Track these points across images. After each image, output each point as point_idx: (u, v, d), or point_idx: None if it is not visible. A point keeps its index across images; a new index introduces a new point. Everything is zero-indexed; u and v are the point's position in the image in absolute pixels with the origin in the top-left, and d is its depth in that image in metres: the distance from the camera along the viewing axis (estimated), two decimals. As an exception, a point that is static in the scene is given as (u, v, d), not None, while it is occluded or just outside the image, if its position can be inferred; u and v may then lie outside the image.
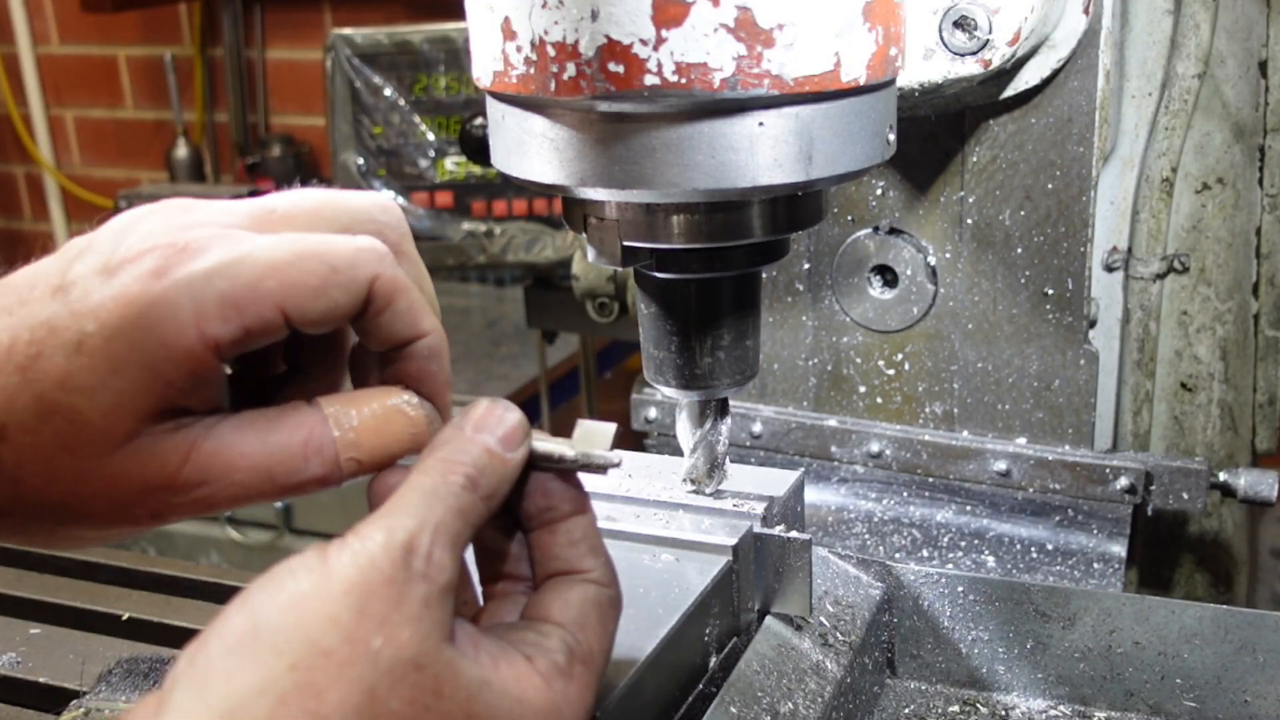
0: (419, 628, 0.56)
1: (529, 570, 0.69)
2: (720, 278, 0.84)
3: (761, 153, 0.73)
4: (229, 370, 0.68)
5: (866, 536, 1.22)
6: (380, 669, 0.55)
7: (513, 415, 0.65)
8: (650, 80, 0.69)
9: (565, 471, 0.67)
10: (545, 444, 0.66)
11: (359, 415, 0.65)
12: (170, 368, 0.60)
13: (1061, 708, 0.97)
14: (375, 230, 0.67)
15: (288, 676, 0.53)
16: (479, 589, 0.70)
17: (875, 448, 1.27)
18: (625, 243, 0.79)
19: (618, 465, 0.67)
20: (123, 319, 0.60)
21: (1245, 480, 1.22)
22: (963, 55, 1.01)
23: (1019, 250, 1.17)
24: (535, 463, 0.66)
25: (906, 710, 0.98)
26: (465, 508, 0.61)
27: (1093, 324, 1.23)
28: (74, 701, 1.00)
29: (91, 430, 0.60)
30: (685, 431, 0.92)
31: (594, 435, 0.67)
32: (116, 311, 0.60)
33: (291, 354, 0.72)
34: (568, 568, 0.66)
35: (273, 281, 0.61)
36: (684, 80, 0.69)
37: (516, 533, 0.69)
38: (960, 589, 0.98)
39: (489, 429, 0.64)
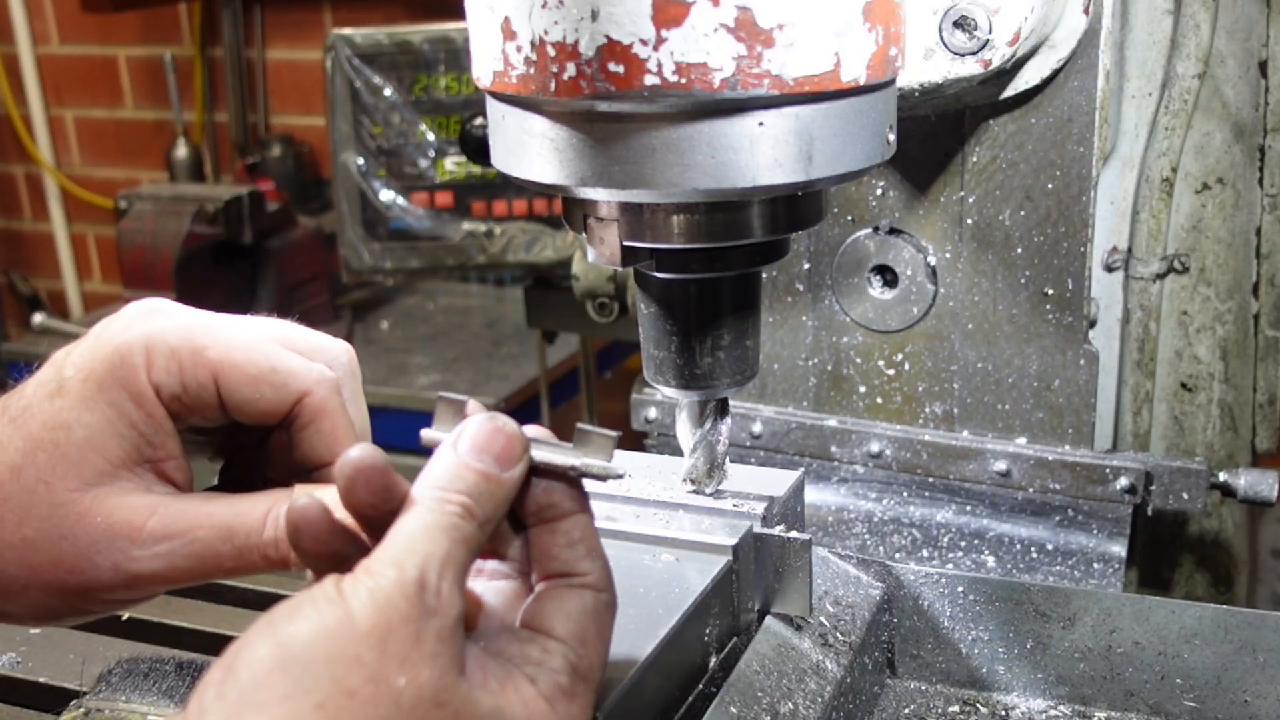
0: (436, 664, 0.58)
1: (521, 553, 0.69)
2: (720, 278, 0.84)
3: (761, 153, 0.73)
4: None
5: (866, 536, 1.22)
6: (403, 708, 0.57)
7: (508, 431, 0.65)
8: (650, 80, 0.69)
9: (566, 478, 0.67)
10: (546, 454, 0.66)
11: (322, 495, 0.69)
12: (131, 408, 0.71)
13: (1061, 708, 0.97)
14: (328, 363, 0.76)
15: (314, 715, 0.55)
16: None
17: (875, 448, 1.27)
18: (625, 243, 0.79)
19: (620, 477, 0.66)
20: (94, 361, 0.71)
21: (1245, 480, 1.22)
22: (963, 55, 1.01)
23: (1019, 250, 1.17)
24: (535, 469, 0.66)
25: (906, 710, 0.98)
26: (466, 538, 0.62)
27: (1093, 324, 1.23)
28: (74, 701, 1.00)
29: (68, 463, 0.69)
30: (685, 431, 0.92)
31: (595, 443, 0.66)
32: (88, 356, 0.72)
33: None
34: (566, 570, 0.66)
35: (215, 353, 0.72)
36: (684, 80, 0.69)
37: (512, 517, 0.69)
38: (960, 589, 0.98)
39: (484, 450, 0.64)
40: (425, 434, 0.68)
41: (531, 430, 0.68)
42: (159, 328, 0.72)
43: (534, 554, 0.67)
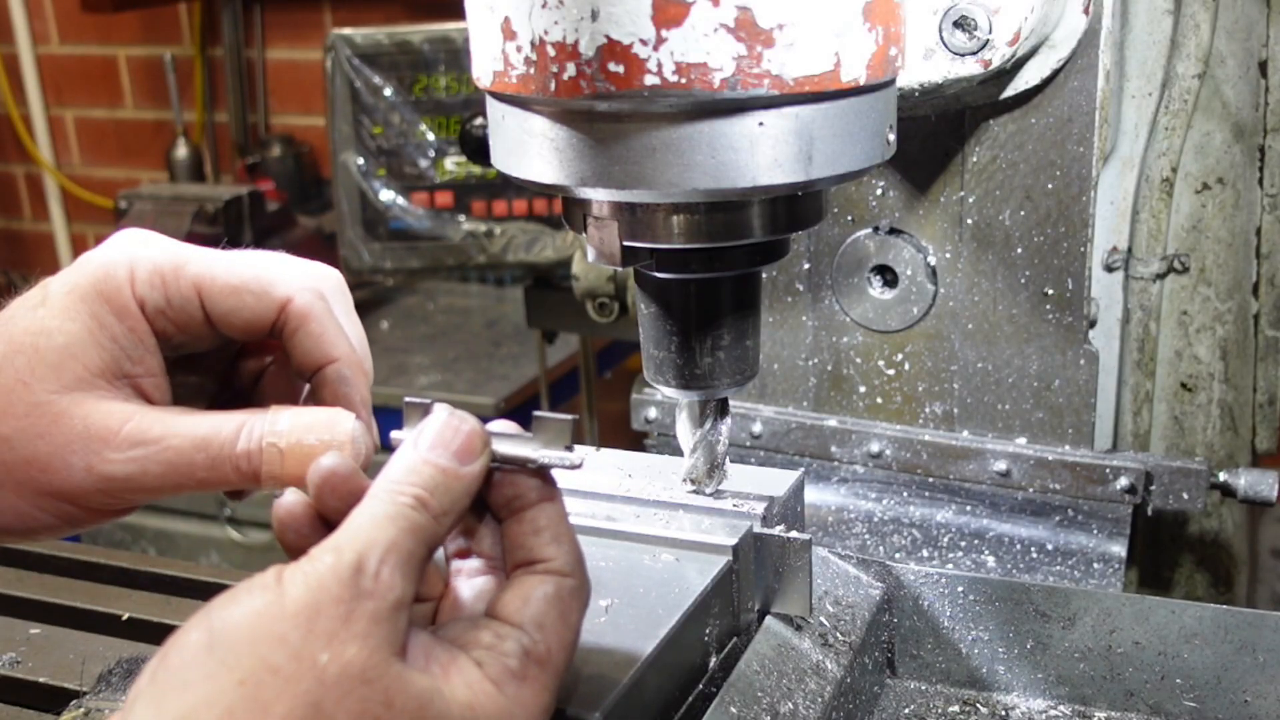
0: (367, 644, 0.58)
1: (498, 548, 0.70)
2: (720, 278, 0.84)
3: (761, 153, 0.73)
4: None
5: (866, 536, 1.22)
6: (326, 684, 0.57)
7: (467, 428, 0.66)
8: (650, 80, 0.69)
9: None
10: (508, 447, 0.67)
11: (295, 414, 0.72)
12: (112, 321, 0.73)
13: (1061, 708, 0.97)
14: (316, 279, 0.77)
15: (236, 691, 0.55)
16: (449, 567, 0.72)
17: (875, 448, 1.27)
18: (625, 243, 0.79)
19: (579, 466, 0.67)
20: (79, 276, 0.74)
21: (1245, 480, 1.22)
22: (963, 55, 1.01)
23: (1019, 250, 1.17)
24: (500, 463, 0.67)
25: (906, 710, 0.98)
26: (416, 528, 0.62)
27: (1093, 324, 1.23)
28: (74, 701, 1.00)
29: (47, 366, 0.72)
30: (685, 431, 0.92)
31: (553, 430, 0.67)
32: (74, 271, 0.74)
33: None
34: (530, 557, 0.67)
35: (197, 268, 0.74)
36: (684, 80, 0.69)
37: (487, 514, 0.70)
38: (960, 589, 0.98)
39: (443, 445, 0.65)
40: (395, 435, 0.69)
41: (496, 425, 0.69)
42: (143, 246, 0.75)
43: (506, 546, 0.68)
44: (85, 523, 0.76)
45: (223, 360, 0.82)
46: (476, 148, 1.90)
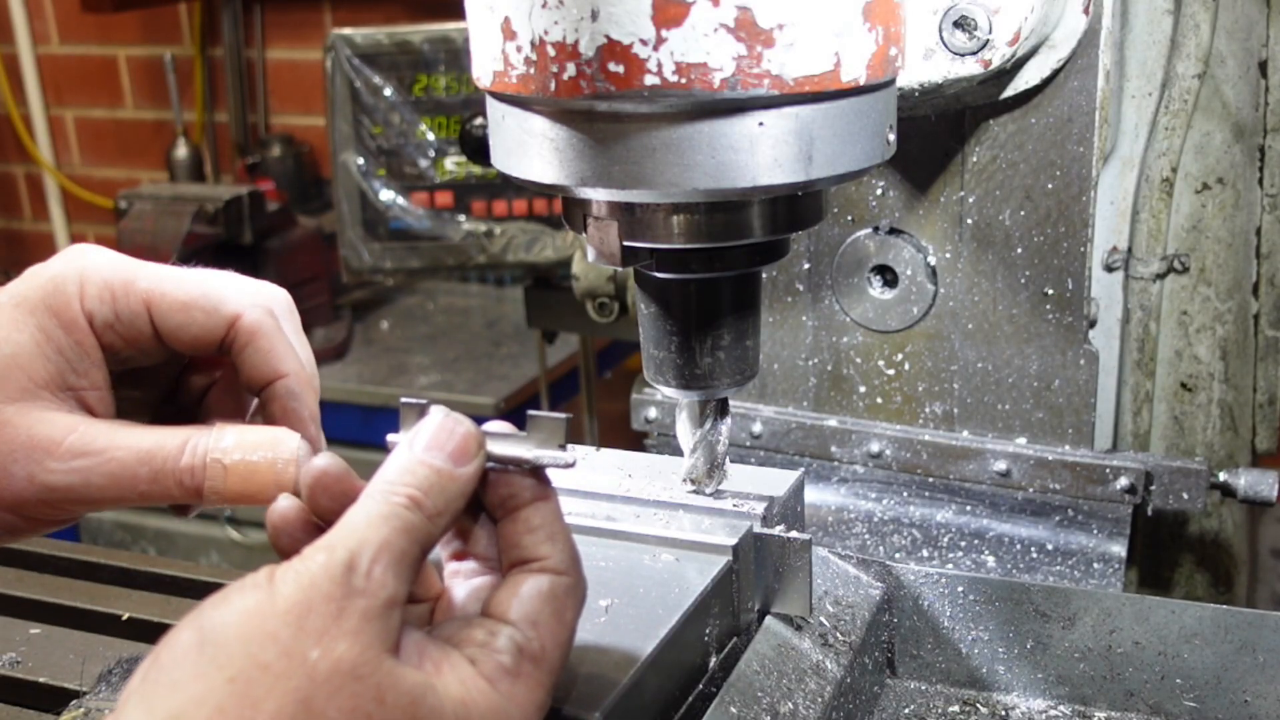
0: (358, 640, 0.58)
1: (494, 549, 0.71)
2: (720, 278, 0.84)
3: (761, 153, 0.73)
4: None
5: (866, 536, 1.22)
6: (317, 680, 0.57)
7: (462, 430, 0.66)
8: (650, 80, 0.69)
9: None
10: (502, 447, 0.67)
11: (240, 431, 0.73)
12: (59, 334, 0.74)
13: (1061, 708, 0.97)
14: (265, 299, 0.79)
15: (226, 688, 0.56)
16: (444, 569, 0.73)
17: (875, 448, 1.27)
18: (625, 243, 0.79)
19: (573, 465, 0.67)
20: (28, 288, 0.75)
21: (1245, 480, 1.22)
22: (963, 55, 1.01)
23: (1019, 250, 1.17)
24: (495, 463, 0.67)
25: (906, 710, 0.98)
26: (410, 527, 0.62)
27: (1093, 324, 1.23)
28: (74, 701, 1.00)
29: None
30: (685, 431, 0.92)
31: (547, 429, 0.67)
32: (23, 283, 0.75)
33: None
34: (525, 556, 0.67)
35: (146, 283, 0.75)
36: (684, 80, 0.69)
37: (482, 515, 0.70)
38: (960, 589, 0.98)
39: (438, 447, 0.65)
40: (391, 437, 0.69)
41: (491, 425, 0.69)
42: (93, 261, 0.76)
43: (501, 546, 0.69)
44: (24, 533, 0.76)
45: (168, 375, 0.82)
46: (476, 148, 1.90)
